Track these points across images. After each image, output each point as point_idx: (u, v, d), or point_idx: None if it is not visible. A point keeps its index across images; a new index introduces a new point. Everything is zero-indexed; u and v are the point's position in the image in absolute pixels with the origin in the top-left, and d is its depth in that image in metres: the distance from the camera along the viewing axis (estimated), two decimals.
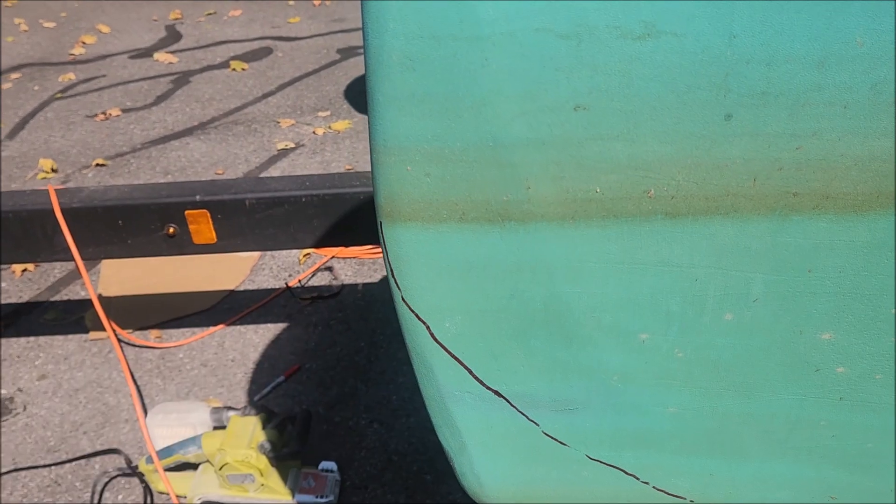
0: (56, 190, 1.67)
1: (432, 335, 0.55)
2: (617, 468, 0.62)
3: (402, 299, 0.54)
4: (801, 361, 0.55)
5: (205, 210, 1.64)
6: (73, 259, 1.66)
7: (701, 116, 0.45)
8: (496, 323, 0.54)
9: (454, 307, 0.54)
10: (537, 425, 0.60)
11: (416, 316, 0.55)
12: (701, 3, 0.42)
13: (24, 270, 2.51)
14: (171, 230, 1.66)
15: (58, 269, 2.52)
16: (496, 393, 0.58)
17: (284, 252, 2.49)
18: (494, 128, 0.46)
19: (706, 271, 0.51)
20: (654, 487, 0.62)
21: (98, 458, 1.81)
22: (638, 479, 0.62)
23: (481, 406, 0.59)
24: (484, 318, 0.54)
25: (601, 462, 0.61)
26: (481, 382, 0.57)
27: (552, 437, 0.60)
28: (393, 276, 0.54)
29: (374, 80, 0.46)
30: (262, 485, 1.57)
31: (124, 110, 3.69)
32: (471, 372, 0.57)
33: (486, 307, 0.53)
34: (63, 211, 1.64)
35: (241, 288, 2.39)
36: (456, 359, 0.56)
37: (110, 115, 3.62)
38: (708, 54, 0.43)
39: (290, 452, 1.60)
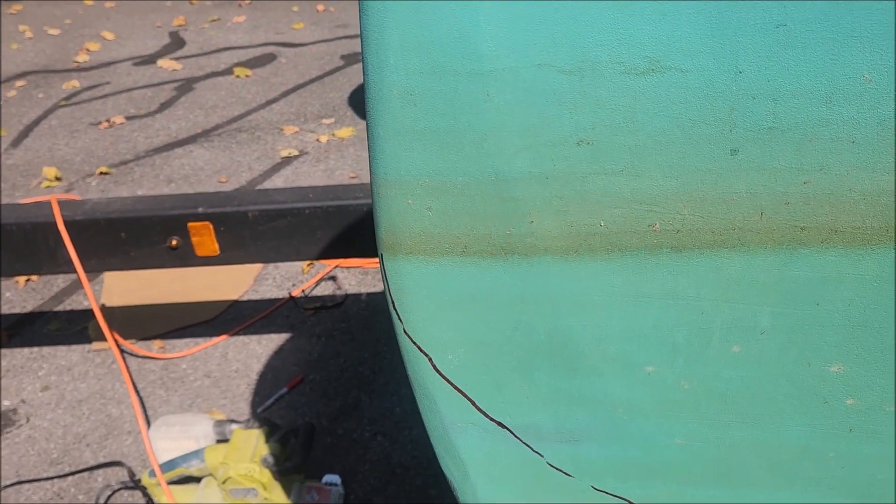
0: (59, 202, 1.67)
1: (434, 367, 0.55)
2: (622, 499, 0.61)
3: (404, 331, 0.54)
4: (809, 393, 0.54)
5: (207, 222, 1.64)
6: (75, 271, 1.66)
7: (706, 151, 0.44)
8: (499, 355, 0.53)
9: (457, 339, 0.53)
10: (542, 456, 0.59)
11: (418, 348, 0.54)
12: (705, 38, 0.41)
13: (28, 280, 2.51)
14: (174, 242, 1.66)
15: (61, 279, 2.52)
16: (500, 424, 0.57)
17: (288, 262, 2.49)
18: (497, 162, 0.45)
19: (713, 304, 0.50)
20: None
21: (101, 471, 1.81)
22: None
23: (485, 437, 0.58)
24: (487, 350, 0.53)
25: (606, 493, 0.60)
26: (485, 414, 0.57)
27: (557, 468, 0.59)
28: (394, 307, 0.53)
29: (374, 113, 0.46)
30: (266, 499, 1.57)
31: (128, 118, 3.69)
32: (474, 403, 0.56)
33: (490, 339, 0.53)
34: (66, 223, 1.64)
35: (245, 298, 2.38)
36: (459, 390, 0.55)
37: (114, 122, 3.63)
38: (713, 89, 0.43)
39: (293, 466, 1.60)
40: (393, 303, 0.53)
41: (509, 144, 0.45)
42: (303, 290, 2.39)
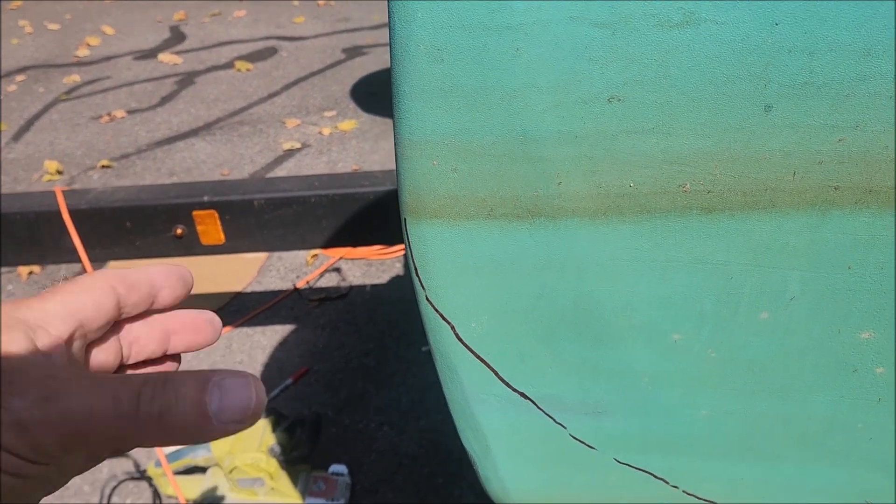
0: (63, 192, 1.66)
1: (457, 336, 0.54)
2: (645, 472, 0.60)
3: (427, 299, 0.53)
4: (838, 362, 0.53)
5: (213, 210, 1.63)
6: (79, 261, 1.65)
7: (740, 108, 0.43)
8: (523, 323, 0.52)
9: (480, 307, 0.52)
10: (564, 428, 0.58)
11: (441, 316, 0.53)
12: None
13: (31, 273, 2.50)
14: (179, 231, 1.65)
15: (64, 271, 2.51)
16: (522, 395, 0.56)
17: (292, 253, 2.48)
18: (525, 121, 0.44)
19: (742, 269, 0.49)
20: (683, 491, 0.61)
21: (106, 462, 1.80)
22: (667, 482, 0.60)
23: (507, 408, 0.57)
24: (511, 319, 0.52)
25: (629, 466, 0.60)
26: (507, 384, 0.56)
27: (579, 441, 0.58)
28: (417, 274, 0.52)
29: (399, 72, 0.45)
30: (272, 489, 1.56)
31: (129, 111, 3.68)
32: (496, 374, 0.55)
33: (514, 307, 0.52)
34: (70, 212, 1.63)
35: (249, 290, 2.38)
36: (481, 360, 0.55)
37: (115, 116, 3.61)
38: (748, 43, 0.42)
39: (299, 456, 1.59)
40: (416, 269, 0.52)
41: (538, 102, 0.44)
42: (307, 282, 2.38)
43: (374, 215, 1.67)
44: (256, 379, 0.31)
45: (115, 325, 0.35)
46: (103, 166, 3.13)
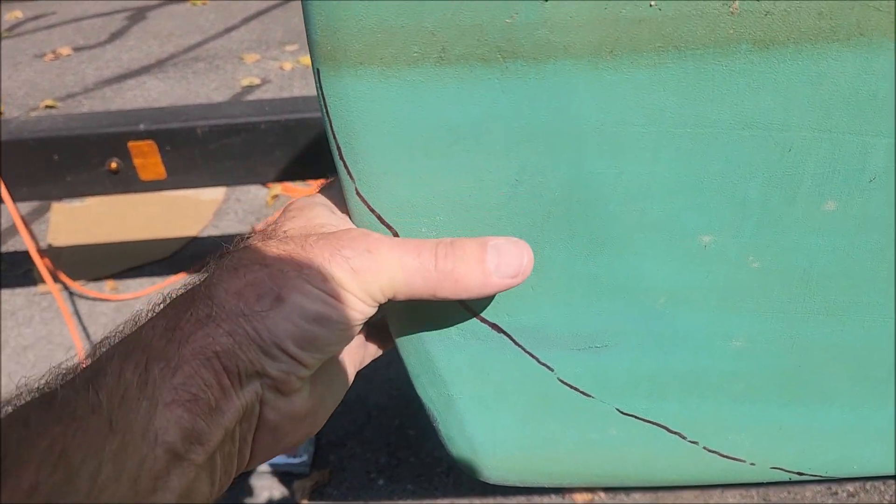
0: None
1: None
2: (657, 424, 0.46)
3: (357, 192, 0.37)
4: None
5: (151, 141, 1.45)
6: (1, 201, 1.47)
7: None
8: (495, 223, 0.37)
9: (433, 201, 0.37)
10: (551, 370, 0.43)
11: (378, 217, 0.38)
12: None
13: None
14: (114, 165, 1.47)
15: (4, 219, 2.32)
16: (494, 327, 0.42)
17: (250, 195, 2.31)
18: None
19: (806, 135, 0.34)
20: (704, 448, 0.47)
21: None
22: (684, 438, 0.46)
23: (473, 346, 0.43)
24: (477, 217, 0.37)
25: (636, 417, 0.45)
26: (473, 313, 0.41)
27: (570, 386, 0.44)
28: (341, 157, 0.36)
29: None
30: None
31: (76, 49, 3.43)
32: (459, 300, 0.40)
33: (481, 200, 0.37)
34: None
35: (205, 234, 2.21)
36: None
37: (60, 54, 3.36)
38: None
39: None
40: (339, 149, 0.36)
41: None
42: (268, 224, 2.21)
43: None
44: (526, 245, 0.36)
45: None
46: (47, 106, 2.90)
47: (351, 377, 0.42)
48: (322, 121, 0.36)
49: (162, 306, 0.34)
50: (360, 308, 0.34)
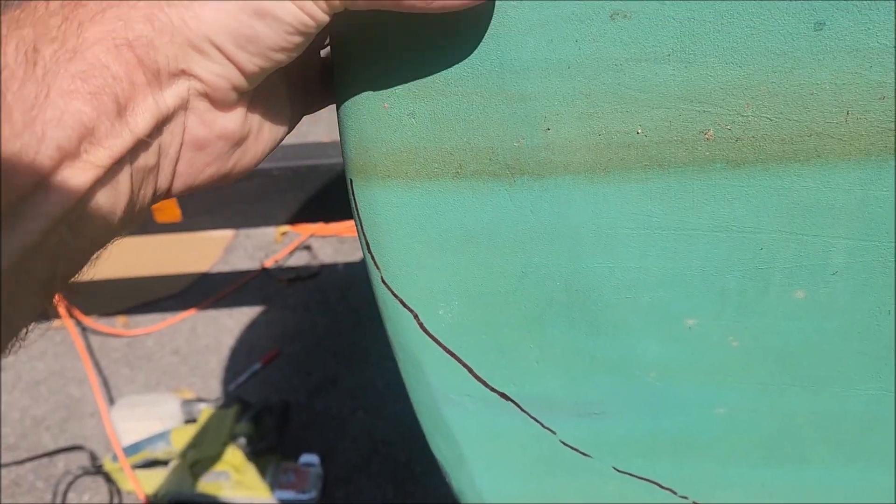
0: None
1: (422, 326, 0.43)
2: (650, 481, 0.50)
3: (383, 280, 0.42)
4: (884, 348, 0.44)
5: None
6: None
7: (783, 25, 0.33)
8: (504, 308, 0.42)
9: (449, 290, 0.42)
10: (554, 433, 0.48)
11: (401, 302, 0.43)
12: None
13: None
14: None
15: None
16: (503, 396, 0.46)
17: (259, 231, 2.36)
18: (503, 46, 0.34)
19: (775, 237, 0.39)
20: (694, 503, 0.51)
21: (61, 456, 1.69)
22: (675, 493, 0.51)
23: (484, 412, 0.47)
24: (488, 303, 0.42)
25: (631, 475, 0.50)
26: (484, 383, 0.46)
27: (572, 447, 0.49)
28: (369, 251, 0.42)
29: None
30: (238, 482, 1.46)
31: None
32: (471, 370, 0.45)
33: (491, 289, 0.42)
34: None
35: (214, 270, 2.26)
36: (452, 354, 0.44)
37: None
38: None
39: (267, 446, 1.49)
40: (367, 244, 0.41)
41: (519, 20, 0.33)
42: (276, 261, 2.26)
43: (343, 188, 1.55)
44: None
45: None
46: None
47: (290, 121, 0.37)
48: (351, 212, 0.41)
49: None
50: (311, 9, 0.28)
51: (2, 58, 0.24)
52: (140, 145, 0.28)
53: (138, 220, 0.31)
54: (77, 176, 0.25)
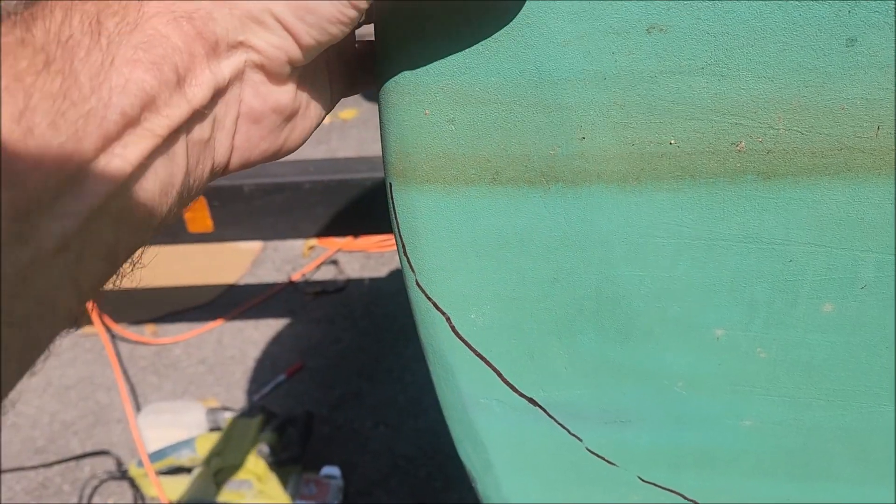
0: None
1: (453, 329, 0.44)
2: (674, 492, 0.51)
3: (417, 283, 0.43)
4: None
5: (200, 196, 1.54)
6: None
7: (815, 41, 0.34)
8: (534, 314, 0.43)
9: (482, 294, 0.43)
10: (580, 441, 0.49)
11: (434, 305, 0.44)
12: None
13: None
14: None
15: None
16: (531, 401, 0.47)
17: (287, 244, 2.39)
18: (541, 57, 0.35)
19: (805, 249, 0.40)
20: None
21: (88, 461, 1.72)
22: None
23: (512, 417, 0.48)
24: (519, 308, 0.43)
25: (655, 485, 0.50)
26: (513, 388, 0.47)
27: (598, 455, 0.49)
28: (405, 254, 0.43)
29: None
30: (260, 491, 1.47)
31: None
32: (500, 375, 0.46)
33: (523, 294, 0.43)
34: None
35: (242, 282, 2.29)
36: (482, 358, 0.45)
37: None
38: None
39: (290, 457, 1.50)
40: (404, 248, 0.43)
41: (558, 32, 0.35)
42: (303, 274, 2.29)
43: (372, 203, 1.57)
44: None
45: None
46: None
47: (331, 102, 0.39)
48: (390, 224, 0.43)
49: None
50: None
51: (68, 28, 0.24)
52: (196, 116, 0.28)
53: (196, 196, 0.32)
54: (137, 143, 0.26)
